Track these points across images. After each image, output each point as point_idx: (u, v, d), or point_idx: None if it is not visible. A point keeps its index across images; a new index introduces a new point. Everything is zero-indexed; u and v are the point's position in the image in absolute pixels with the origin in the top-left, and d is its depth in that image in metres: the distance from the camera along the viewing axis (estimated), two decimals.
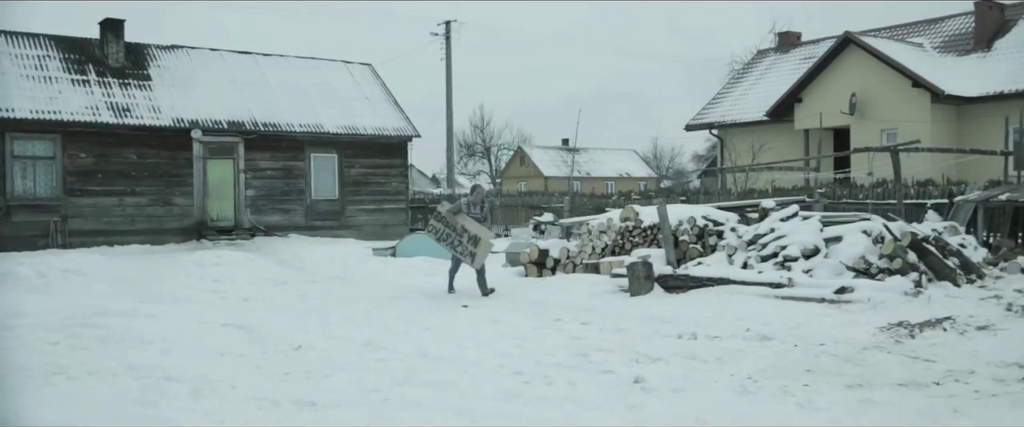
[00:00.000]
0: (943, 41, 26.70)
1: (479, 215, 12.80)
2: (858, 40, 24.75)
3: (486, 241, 12.61)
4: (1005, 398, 6.06)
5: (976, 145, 20.91)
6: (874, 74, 24.20)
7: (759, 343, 8.30)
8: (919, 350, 7.84)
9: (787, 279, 11.26)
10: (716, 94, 32.36)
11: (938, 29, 27.65)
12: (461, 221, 12.59)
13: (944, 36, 27.00)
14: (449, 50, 41.97)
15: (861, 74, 24.55)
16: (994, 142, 20.57)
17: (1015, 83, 22.65)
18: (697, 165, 57.94)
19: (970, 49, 25.35)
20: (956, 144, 22.35)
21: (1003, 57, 24.13)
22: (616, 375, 6.93)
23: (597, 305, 11.37)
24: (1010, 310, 9.38)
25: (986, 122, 22.25)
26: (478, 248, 12.49)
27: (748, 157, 26.02)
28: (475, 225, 12.60)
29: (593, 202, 26.01)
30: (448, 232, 12.65)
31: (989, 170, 20.09)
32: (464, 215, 12.66)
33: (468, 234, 12.49)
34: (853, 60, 24.88)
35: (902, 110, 23.31)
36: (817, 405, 5.93)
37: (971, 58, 24.93)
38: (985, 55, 24.73)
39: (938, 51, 26.19)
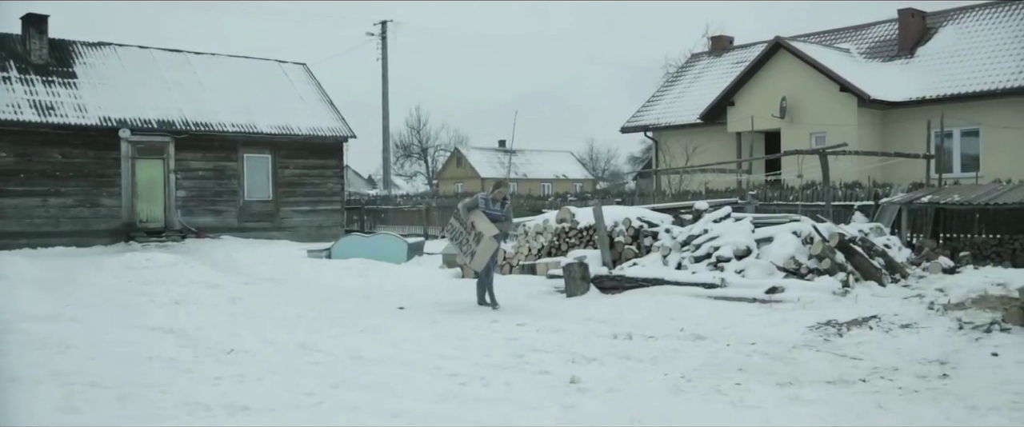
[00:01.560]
0: (869, 47, 27.47)
1: (498, 213, 11.47)
2: (788, 45, 25.30)
3: (488, 238, 11.10)
4: (927, 394, 6.26)
5: (900, 148, 21.54)
6: (804, 78, 24.78)
7: (693, 343, 8.43)
8: (846, 348, 8.05)
9: (720, 279, 11.46)
10: (651, 97, 32.76)
11: (864, 35, 28.43)
12: (472, 218, 11.32)
13: (870, 42, 27.77)
14: (385, 50, 41.69)
15: (791, 78, 25.11)
16: (917, 146, 21.23)
17: (936, 89, 23.41)
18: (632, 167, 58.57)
19: (894, 55, 26.12)
20: (881, 147, 23.00)
21: (925, 63, 24.93)
22: (552, 376, 6.96)
23: (533, 306, 11.41)
24: (932, 309, 9.69)
25: (910, 126, 22.95)
26: (479, 247, 11.15)
27: (682, 159, 26.39)
28: (483, 221, 11.25)
29: (530, 203, 26.10)
30: (461, 230, 11.49)
31: (912, 173, 20.72)
32: (478, 212, 11.38)
33: (475, 231, 11.23)
34: (783, 65, 25.43)
35: (830, 114, 23.91)
36: (749, 403, 6.04)
37: (895, 64, 25.69)
38: (908, 61, 25.51)
39: (864, 57, 26.93)
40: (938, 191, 16.23)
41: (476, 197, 11.75)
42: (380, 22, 41.87)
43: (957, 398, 6.09)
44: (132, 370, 7.23)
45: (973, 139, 23.05)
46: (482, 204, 11.45)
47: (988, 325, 8.55)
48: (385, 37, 41.73)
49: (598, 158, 79.51)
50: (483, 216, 11.32)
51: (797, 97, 24.86)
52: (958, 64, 23.91)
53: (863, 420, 5.60)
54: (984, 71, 23.05)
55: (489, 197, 11.55)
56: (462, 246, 11.49)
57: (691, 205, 15.64)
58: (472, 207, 11.43)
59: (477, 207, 11.42)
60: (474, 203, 11.51)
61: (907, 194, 16.46)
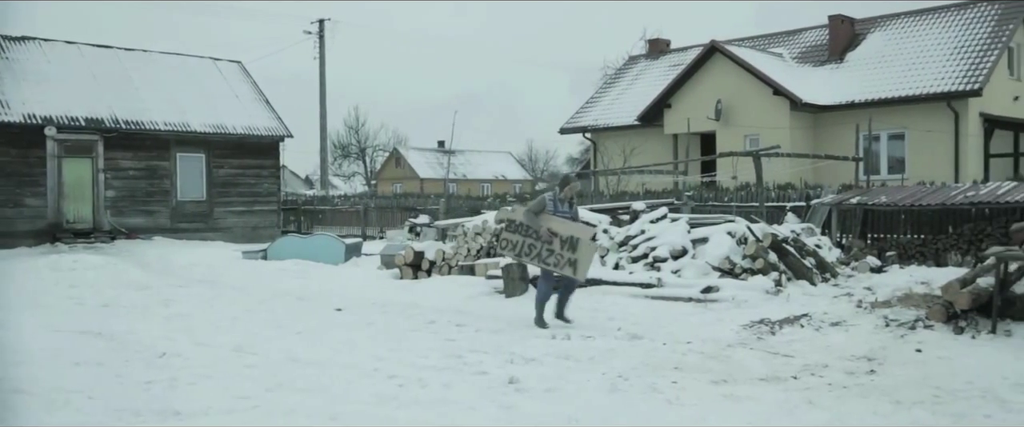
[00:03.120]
0: (801, 52, 28.10)
1: (568, 214, 9.87)
2: (723, 49, 25.74)
3: (588, 242, 9.61)
4: (855, 390, 6.43)
5: (831, 151, 22.10)
6: (738, 82, 25.23)
7: (630, 342, 8.52)
8: (779, 346, 8.22)
9: (657, 279, 11.60)
10: (589, 98, 33.02)
11: (796, 40, 29.09)
12: (547, 224, 9.62)
13: (802, 47, 28.42)
14: (323, 49, 41.24)
15: (726, 82, 25.55)
16: (847, 148, 21.80)
17: (865, 93, 24.06)
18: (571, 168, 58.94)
19: (825, 60, 26.77)
20: (813, 150, 23.54)
21: (854, 68, 25.61)
22: (491, 376, 6.97)
23: (472, 307, 11.40)
24: (860, 307, 9.96)
25: (839, 129, 23.55)
26: (579, 253, 9.46)
27: (620, 160, 26.65)
28: (568, 224, 9.71)
29: (469, 204, 26.06)
30: (531, 243, 9.67)
31: (842, 174, 21.28)
32: (549, 216, 9.71)
33: (560, 238, 9.53)
34: (719, 68, 25.87)
35: (764, 117, 24.40)
36: (684, 401, 6.13)
37: (826, 68, 26.33)
38: (838, 66, 26.17)
39: (796, 61, 27.54)
40: (866, 193, 16.69)
41: (542, 199, 9.94)
42: (317, 20, 41.41)
43: (883, 393, 6.27)
44: (59, 375, 7.02)
45: (899, 142, 23.76)
46: (550, 206, 9.78)
47: (913, 322, 8.83)
48: (322, 36, 41.28)
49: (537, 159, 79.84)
50: (559, 219, 9.69)
51: (732, 100, 25.31)
52: (885, 70, 24.62)
53: (794, 416, 5.73)
54: (909, 77, 23.78)
55: (557, 197, 9.86)
56: (546, 259, 9.60)
57: (628, 206, 15.81)
58: (538, 210, 9.73)
59: (544, 210, 9.75)
60: (540, 206, 9.79)
61: (837, 195, 16.87)
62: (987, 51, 23.09)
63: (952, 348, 7.84)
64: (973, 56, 23.17)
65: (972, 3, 25.52)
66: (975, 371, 6.93)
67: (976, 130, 22.67)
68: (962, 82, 22.41)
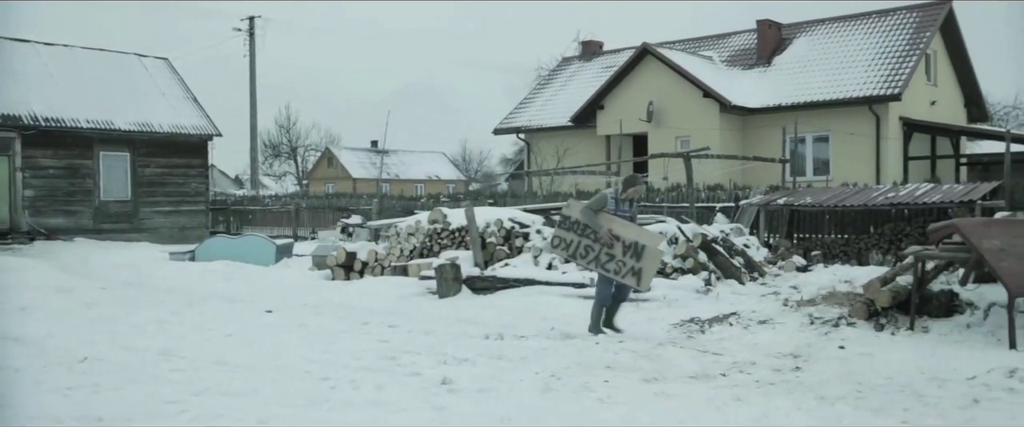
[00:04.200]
0: (730, 55, 28.66)
1: (628, 214, 9.04)
2: (655, 51, 26.10)
3: (655, 250, 8.74)
4: (781, 386, 6.58)
5: (759, 153, 22.58)
6: (670, 84, 25.61)
7: (563, 341, 8.57)
8: (708, 344, 8.37)
9: (589, 279, 11.69)
10: (523, 99, 33.14)
11: (726, 44, 29.66)
12: (607, 224, 8.82)
13: (731, 50, 28.99)
14: (253, 47, 40.57)
15: (658, 84, 25.91)
16: (774, 150, 22.31)
17: (791, 96, 24.66)
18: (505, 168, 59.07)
19: (753, 63, 27.36)
20: (742, 151, 24.03)
21: (781, 72, 26.23)
22: (424, 377, 6.94)
23: (405, 307, 11.34)
24: (786, 305, 10.20)
25: (767, 131, 24.09)
26: (643, 261, 8.63)
27: (553, 161, 26.82)
28: (633, 228, 8.91)
29: (402, 204, 25.91)
30: (587, 244, 8.88)
31: (770, 176, 21.77)
32: (609, 216, 8.92)
33: (623, 243, 8.69)
34: (651, 70, 26.21)
35: (695, 119, 24.81)
36: (616, 399, 6.19)
37: (754, 72, 26.91)
38: (766, 69, 26.77)
39: (726, 64, 28.09)
40: (793, 193, 17.11)
41: (604, 196, 9.06)
42: (248, 18, 40.70)
43: (808, 389, 6.44)
44: None
45: (824, 144, 24.41)
46: (611, 205, 8.94)
47: (836, 320, 9.08)
48: (253, 33, 40.60)
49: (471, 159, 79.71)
50: (621, 221, 8.90)
51: (663, 102, 25.67)
52: (810, 74, 25.27)
53: (723, 413, 5.83)
54: (833, 81, 24.45)
55: (619, 196, 9.02)
56: (605, 264, 8.80)
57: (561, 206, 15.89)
58: (598, 208, 8.92)
59: (606, 208, 8.93)
60: (601, 203, 8.96)
61: (765, 196, 17.25)
62: (906, 57, 23.88)
63: (873, 344, 8.09)
64: (893, 62, 23.93)
65: (892, 11, 26.36)
66: (895, 367, 7.16)
67: (896, 133, 23.43)
68: (883, 87, 23.13)
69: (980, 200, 14.24)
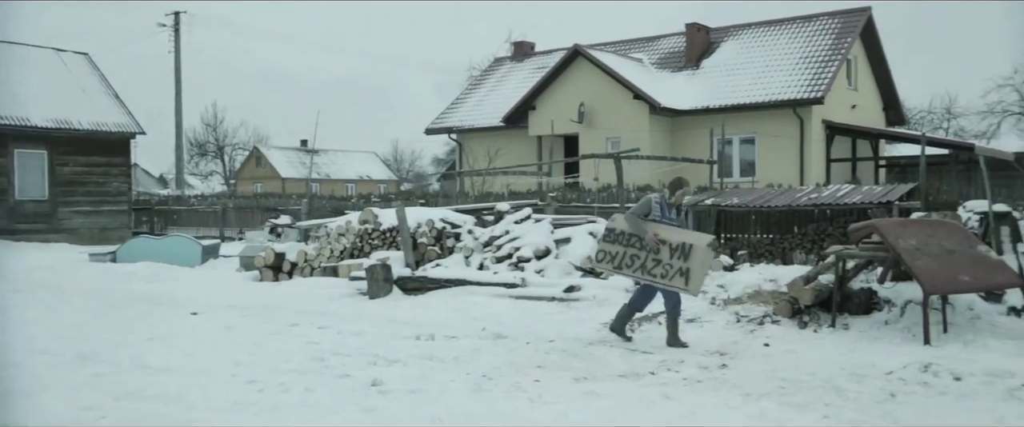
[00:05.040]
0: (660, 58, 29.07)
1: (676, 222, 8.71)
2: (586, 53, 26.29)
3: (704, 249, 8.40)
4: (708, 383, 6.70)
5: (687, 154, 22.94)
6: (600, 86, 25.84)
7: (494, 342, 8.58)
8: (638, 343, 8.48)
9: (521, 279, 11.73)
10: (455, 99, 33.06)
11: (655, 47, 30.07)
12: (653, 230, 8.49)
13: (660, 53, 29.39)
14: (178, 43, 39.62)
15: (589, 85, 26.11)
16: (702, 151, 22.69)
17: (718, 99, 25.12)
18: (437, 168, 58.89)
19: (682, 66, 27.79)
20: (671, 152, 24.37)
21: (709, 75, 26.70)
22: (353, 379, 6.87)
23: (335, 308, 11.22)
24: (713, 304, 10.38)
25: (695, 133, 24.48)
26: (691, 262, 8.28)
27: (485, 161, 26.81)
28: (679, 231, 8.60)
29: (332, 204, 25.59)
30: (634, 254, 8.53)
31: (698, 177, 22.10)
32: (654, 223, 8.58)
33: (669, 246, 8.39)
34: (582, 72, 26.41)
35: (625, 120, 25.08)
36: (546, 399, 6.22)
37: (683, 74, 27.33)
38: (694, 72, 27.22)
39: (655, 66, 28.47)
40: (720, 194, 17.43)
41: (648, 200, 8.75)
42: (173, 13, 39.74)
43: (734, 386, 6.57)
44: None
45: (750, 146, 24.93)
46: (657, 210, 8.62)
47: (761, 318, 9.29)
48: (178, 29, 39.65)
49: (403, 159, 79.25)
50: (666, 226, 8.57)
51: (594, 103, 25.89)
52: (737, 77, 25.78)
53: (651, 410, 5.91)
54: (759, 84, 24.99)
55: (665, 201, 8.70)
56: (652, 271, 8.41)
57: (493, 207, 15.92)
58: (643, 214, 8.62)
59: (651, 214, 8.62)
60: (645, 208, 8.64)
61: (693, 197, 17.53)
62: (828, 62, 24.54)
63: (797, 342, 8.29)
64: (816, 66, 24.57)
65: (815, 16, 27.07)
66: (817, 363, 7.36)
67: (819, 136, 24.06)
68: (806, 90, 23.72)
69: (897, 201, 14.70)
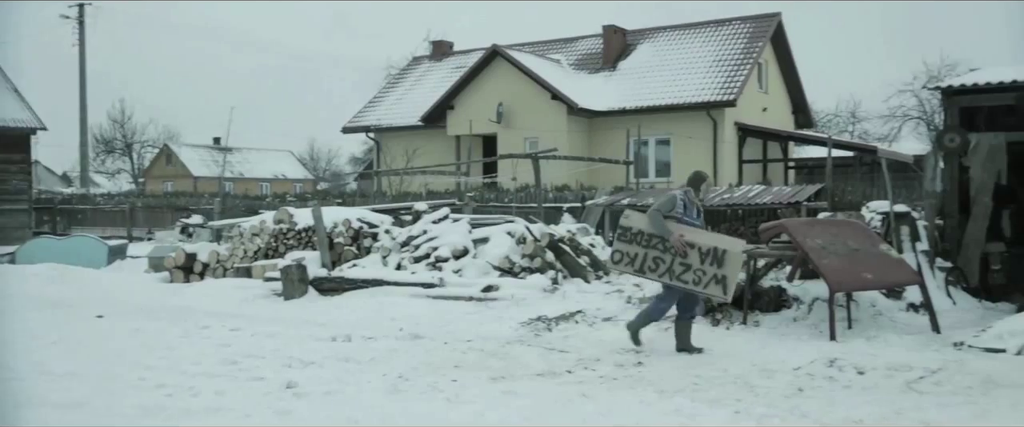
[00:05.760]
0: (577, 59, 29.36)
1: (696, 222, 8.19)
2: (504, 53, 26.39)
3: (738, 254, 7.96)
4: (624, 381, 6.79)
5: (604, 154, 23.23)
6: (519, 86, 25.96)
7: (411, 342, 8.53)
8: (555, 342, 8.53)
9: (438, 279, 11.69)
10: (373, 98, 32.78)
11: (573, 48, 30.36)
12: (684, 233, 7.94)
13: (578, 54, 29.70)
14: (83, 36, 38.30)
15: (507, 85, 26.21)
16: (619, 152, 23.00)
17: (635, 100, 25.53)
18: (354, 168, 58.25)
19: (600, 67, 28.14)
20: (588, 153, 24.65)
21: (626, 76, 27.10)
22: (267, 381, 6.74)
23: (249, 310, 11.00)
24: (629, 302, 10.53)
25: (612, 134, 24.81)
26: (726, 267, 7.80)
27: (403, 161, 26.65)
28: (706, 233, 8.15)
29: (246, 204, 25.10)
30: (656, 255, 7.98)
31: (615, 177, 22.42)
32: (676, 223, 8.03)
33: (699, 250, 7.84)
34: (500, 72, 26.49)
35: (543, 120, 25.26)
36: (464, 398, 6.21)
37: (600, 76, 27.67)
38: (611, 74, 27.59)
39: (573, 67, 28.75)
40: (636, 194, 17.70)
41: (673, 197, 8.15)
42: (77, 4, 38.32)
43: (649, 383, 6.67)
44: None
45: (666, 147, 25.40)
46: (680, 208, 8.06)
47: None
48: (83, 21, 38.31)
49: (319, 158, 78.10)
50: (690, 228, 8.06)
51: (513, 103, 26.00)
52: (653, 79, 26.24)
53: (568, 409, 5.96)
54: (674, 86, 25.48)
55: (689, 198, 8.16)
56: (680, 276, 7.90)
57: (411, 206, 15.83)
58: (667, 212, 8.02)
59: (674, 212, 8.04)
60: (669, 205, 8.05)
61: (610, 197, 17.77)
62: (741, 65, 25.18)
63: (710, 339, 8.46)
64: (729, 70, 25.18)
65: (727, 21, 27.74)
66: (729, 360, 7.53)
67: (731, 137, 24.67)
68: (719, 93, 24.30)
69: (805, 201, 15.18)
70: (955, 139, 11.25)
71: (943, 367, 7.09)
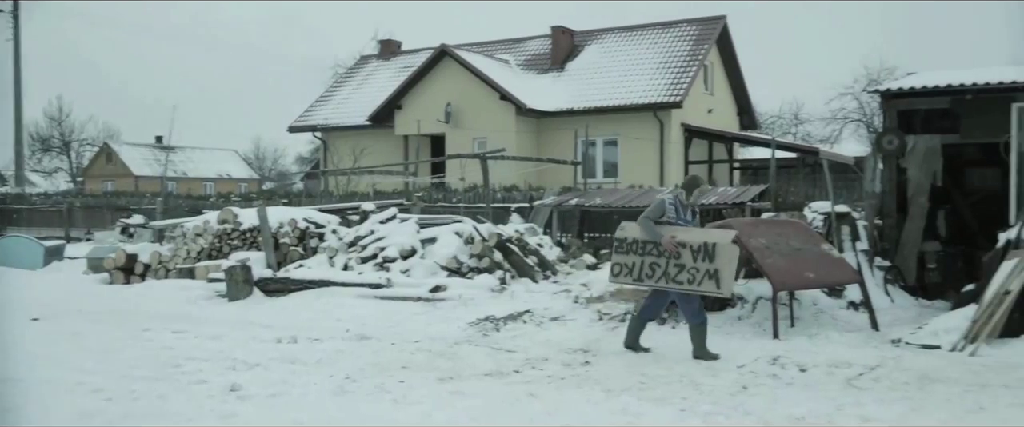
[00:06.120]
0: (526, 59, 29.41)
1: (690, 223, 8.11)
2: (453, 53, 26.32)
3: (728, 245, 7.78)
4: (572, 380, 6.82)
5: (553, 155, 23.30)
6: (467, 86, 25.92)
7: (358, 343, 8.47)
8: (503, 342, 8.54)
9: (386, 280, 11.63)
10: (320, 97, 32.44)
11: (522, 48, 30.40)
12: (669, 233, 7.86)
13: (527, 54, 29.75)
14: (17, 30, 37.23)
15: (456, 85, 26.15)
16: (567, 152, 23.09)
17: (583, 101, 25.65)
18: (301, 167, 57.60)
19: (548, 68, 28.23)
20: (536, 153, 24.70)
21: (574, 77, 27.23)
22: (210, 384, 6.63)
23: (192, 312, 10.81)
24: (577, 302, 10.58)
25: (560, 134, 24.90)
26: (718, 262, 7.67)
27: (350, 160, 26.43)
28: (696, 230, 8.06)
29: (189, 204, 24.65)
30: (652, 262, 7.92)
31: (563, 177, 22.50)
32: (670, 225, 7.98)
33: (690, 248, 7.76)
34: (449, 72, 26.42)
35: (491, 120, 25.25)
36: (411, 399, 6.18)
37: (549, 76, 27.76)
38: (560, 74, 27.70)
39: (522, 68, 28.79)
40: (584, 195, 17.80)
41: (661, 202, 8.08)
42: None
43: (596, 382, 6.71)
44: None
45: (613, 148, 25.57)
46: (672, 212, 8.00)
47: (623, 315, 9.53)
48: (17, 15, 37.23)
49: (265, 157, 77.04)
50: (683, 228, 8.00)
51: (461, 103, 25.95)
52: (601, 80, 26.40)
53: (516, 408, 5.97)
54: (621, 87, 25.67)
55: (681, 201, 8.08)
56: (675, 278, 7.79)
57: (358, 206, 15.73)
58: (656, 217, 7.96)
59: (665, 217, 7.98)
60: (659, 211, 7.98)
61: (558, 197, 17.83)
62: (687, 67, 25.47)
63: (657, 338, 8.54)
64: (675, 71, 25.46)
65: (674, 23, 28.04)
66: (675, 358, 7.61)
67: (678, 138, 24.93)
68: (666, 94, 24.54)
69: (750, 202, 15.41)
70: (893, 141, 11.52)
71: (881, 364, 7.26)
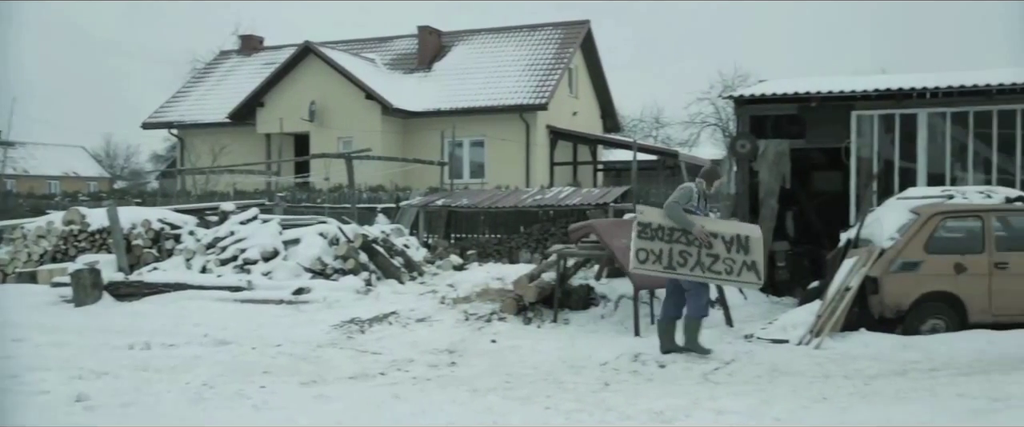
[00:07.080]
0: (393, 58, 29.15)
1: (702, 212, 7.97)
2: (317, 50, 25.81)
3: (758, 238, 7.76)
4: (437, 381, 6.81)
5: (420, 155, 23.19)
6: (332, 84, 25.46)
7: (217, 348, 8.19)
8: (368, 344, 8.44)
9: (247, 282, 11.30)
10: (177, 92, 31.15)
11: (389, 47, 30.11)
12: (705, 225, 7.71)
13: (393, 54, 29.49)
14: None
15: (321, 83, 25.64)
16: (434, 153, 23.06)
17: (450, 102, 25.65)
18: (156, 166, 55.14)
19: (415, 68, 28.08)
20: (403, 153, 24.52)
21: (441, 77, 27.19)
22: (53, 395, 6.25)
23: (34, 318, 10.13)
24: (443, 303, 10.57)
25: (427, 135, 24.81)
26: (754, 254, 7.64)
27: (209, 159, 25.49)
28: (725, 223, 8.03)
29: (31, 203, 23.21)
30: (682, 249, 7.62)
31: (430, 178, 22.44)
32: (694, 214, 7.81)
33: (724, 239, 7.63)
34: (314, 69, 25.88)
35: (357, 120, 24.89)
36: (273, 405, 6.02)
37: (416, 76, 27.62)
38: (427, 74, 27.61)
39: (388, 67, 28.52)
40: (450, 195, 17.82)
41: (689, 189, 7.90)
42: None
43: (462, 383, 6.72)
44: None
45: (480, 149, 25.69)
46: (695, 199, 7.86)
47: (489, 315, 9.59)
48: None
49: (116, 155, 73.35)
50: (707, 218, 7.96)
51: (326, 102, 25.48)
52: (468, 81, 26.48)
53: (381, 411, 5.90)
54: (488, 89, 25.83)
55: (703, 191, 7.91)
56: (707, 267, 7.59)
57: (217, 206, 15.21)
58: (684, 204, 7.75)
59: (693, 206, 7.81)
60: (687, 197, 7.80)
61: (424, 198, 17.78)
62: (552, 70, 25.88)
63: (522, 337, 8.64)
64: (541, 74, 25.82)
65: (540, 26, 28.45)
66: (540, 357, 7.72)
67: (543, 140, 25.30)
68: (532, 97, 24.85)
69: (613, 202, 15.80)
70: (746, 145, 12.06)
71: (736, 358, 7.58)
